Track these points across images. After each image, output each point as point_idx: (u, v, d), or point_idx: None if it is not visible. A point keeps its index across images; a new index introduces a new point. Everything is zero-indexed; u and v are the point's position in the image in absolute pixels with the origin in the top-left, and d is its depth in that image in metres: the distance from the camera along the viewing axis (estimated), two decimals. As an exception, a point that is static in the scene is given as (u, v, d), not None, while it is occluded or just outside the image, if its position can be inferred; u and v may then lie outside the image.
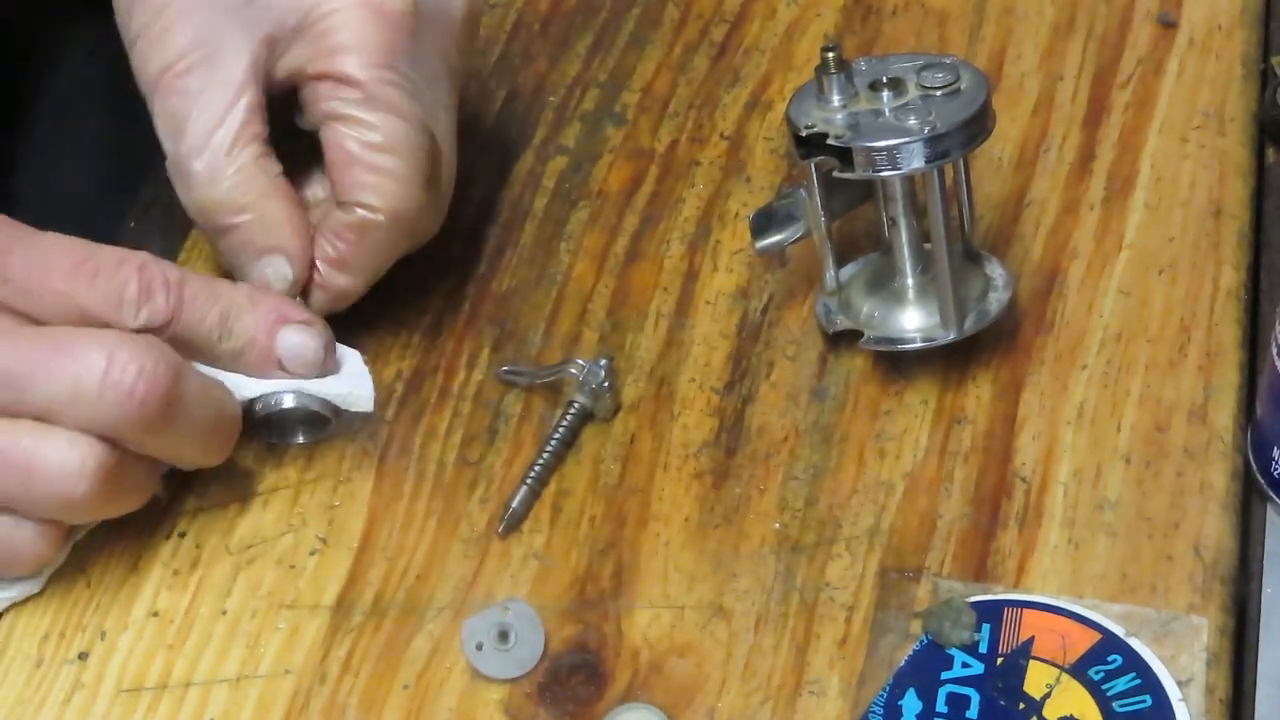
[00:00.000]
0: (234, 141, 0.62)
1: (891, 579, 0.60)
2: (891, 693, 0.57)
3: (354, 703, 0.59)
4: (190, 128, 0.62)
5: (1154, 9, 0.77)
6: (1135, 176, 0.71)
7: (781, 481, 0.63)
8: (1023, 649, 0.57)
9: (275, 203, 0.63)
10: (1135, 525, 0.61)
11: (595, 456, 0.64)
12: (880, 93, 0.61)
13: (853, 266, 0.67)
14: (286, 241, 0.63)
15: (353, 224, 0.63)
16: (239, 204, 0.62)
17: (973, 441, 0.63)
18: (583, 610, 0.60)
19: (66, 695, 0.59)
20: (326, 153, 0.64)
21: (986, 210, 0.70)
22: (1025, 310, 0.67)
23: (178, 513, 0.64)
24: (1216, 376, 0.64)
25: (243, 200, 0.62)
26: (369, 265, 0.64)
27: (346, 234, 0.63)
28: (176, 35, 0.62)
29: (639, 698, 0.58)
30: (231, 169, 0.62)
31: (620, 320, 0.69)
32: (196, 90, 0.62)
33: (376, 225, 0.63)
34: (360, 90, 0.63)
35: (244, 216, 0.62)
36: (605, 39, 0.79)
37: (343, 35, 0.63)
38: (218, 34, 0.62)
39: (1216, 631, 0.58)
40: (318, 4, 0.63)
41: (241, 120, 0.62)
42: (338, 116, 0.63)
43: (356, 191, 0.63)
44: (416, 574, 0.61)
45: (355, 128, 0.63)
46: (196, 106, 0.62)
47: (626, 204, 0.73)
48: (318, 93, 0.63)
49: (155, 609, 0.61)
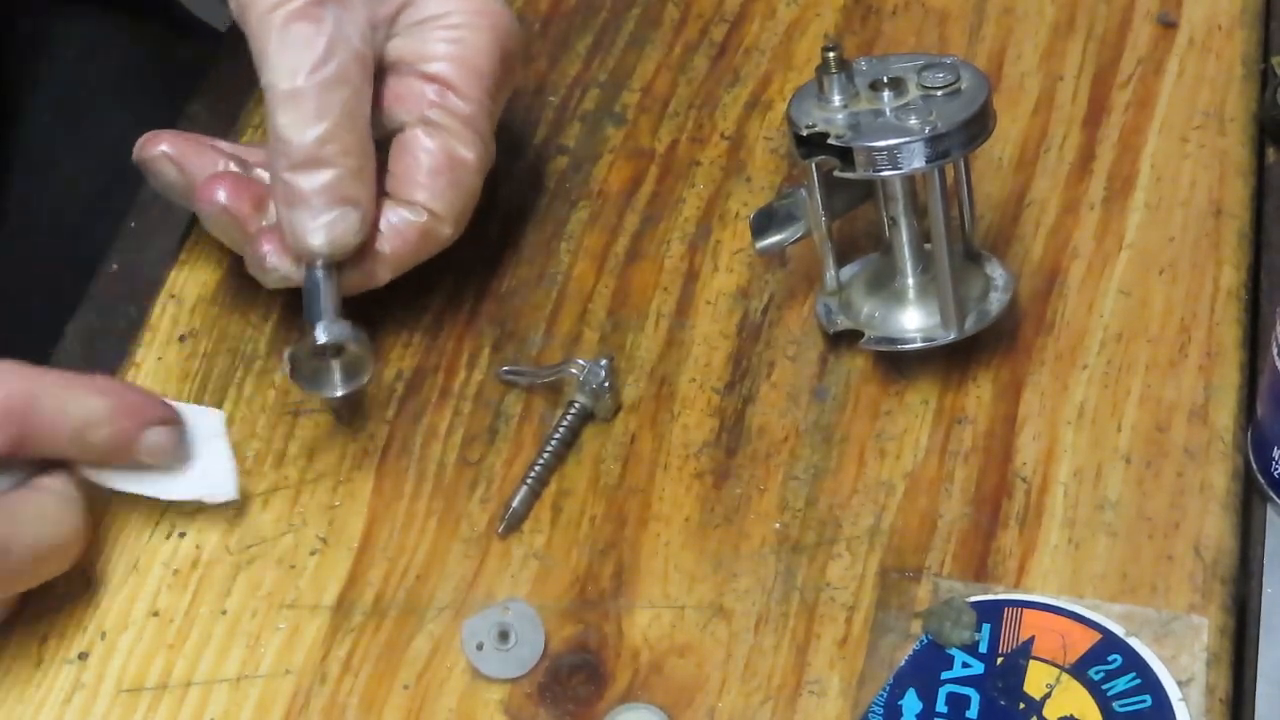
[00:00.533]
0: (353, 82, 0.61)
1: (892, 579, 0.60)
2: (891, 693, 0.57)
3: (354, 703, 0.59)
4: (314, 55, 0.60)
5: (1154, 9, 0.77)
6: (1135, 176, 0.71)
7: (782, 481, 0.63)
8: (1023, 649, 0.57)
9: (368, 159, 0.62)
10: (1135, 525, 0.61)
11: (595, 456, 0.64)
12: (881, 92, 0.61)
13: (853, 266, 0.67)
14: (366, 199, 0.62)
15: (418, 226, 0.64)
16: (343, 143, 0.61)
17: (973, 441, 0.63)
18: (583, 610, 0.60)
19: (66, 695, 0.59)
20: (407, 151, 0.64)
21: (987, 210, 0.70)
22: (1025, 310, 0.67)
23: (178, 513, 0.64)
24: (1217, 376, 0.64)
25: (346, 140, 0.61)
26: (410, 265, 0.65)
27: (409, 233, 0.64)
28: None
29: (639, 698, 0.58)
30: (343, 107, 0.61)
31: (620, 320, 0.69)
32: (325, 18, 0.61)
33: (439, 235, 0.64)
34: (470, 108, 0.64)
35: (339, 157, 0.61)
36: (605, 39, 0.79)
37: (467, 50, 0.64)
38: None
39: (1216, 631, 0.58)
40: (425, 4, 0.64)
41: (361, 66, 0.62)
42: (437, 124, 0.64)
43: (433, 199, 0.63)
44: (417, 574, 0.61)
45: (453, 141, 0.64)
46: (323, 36, 0.60)
47: (627, 204, 0.73)
48: (421, 92, 0.64)
49: (155, 609, 0.61)
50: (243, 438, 0.66)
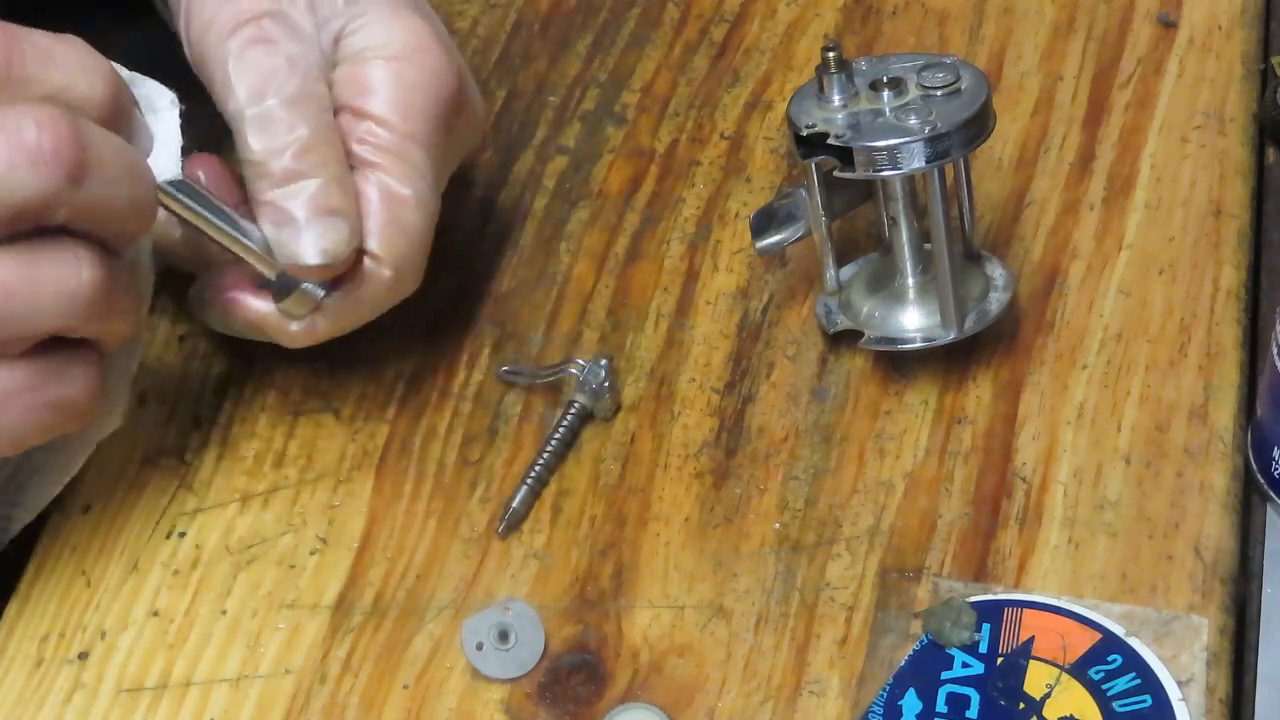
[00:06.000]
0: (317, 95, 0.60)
1: (891, 579, 0.60)
2: (891, 693, 0.57)
3: (354, 703, 0.59)
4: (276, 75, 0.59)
5: (1154, 9, 0.77)
6: (1135, 176, 0.71)
7: (781, 481, 0.63)
8: (1023, 649, 0.57)
9: (345, 170, 0.60)
10: (1135, 525, 0.61)
11: (595, 456, 0.64)
12: (881, 92, 0.61)
13: (853, 266, 0.67)
14: (351, 209, 0.60)
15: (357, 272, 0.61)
16: (320, 154, 0.59)
17: (973, 441, 0.63)
18: (583, 610, 0.60)
19: (66, 695, 0.59)
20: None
21: (986, 210, 0.70)
22: (1025, 310, 0.67)
23: (178, 513, 0.64)
24: (1216, 376, 0.64)
25: (323, 151, 0.59)
26: (357, 315, 0.62)
27: (345, 280, 0.61)
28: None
29: (639, 698, 0.58)
30: (314, 120, 0.60)
31: (620, 320, 0.69)
32: (279, 39, 0.60)
33: (379, 278, 0.61)
34: (403, 143, 0.61)
35: (318, 169, 0.59)
36: (605, 39, 0.79)
37: (403, 85, 0.61)
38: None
39: (1216, 631, 0.58)
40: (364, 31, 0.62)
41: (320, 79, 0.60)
42: (368, 162, 0.61)
43: (369, 240, 0.61)
44: (416, 574, 0.61)
45: (386, 178, 0.61)
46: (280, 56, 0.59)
47: (626, 204, 0.73)
48: (351, 129, 0.61)
49: (155, 609, 0.61)
50: (243, 438, 0.66)
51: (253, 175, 0.60)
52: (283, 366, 0.67)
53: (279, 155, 0.59)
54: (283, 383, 0.67)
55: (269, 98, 0.59)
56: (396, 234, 0.61)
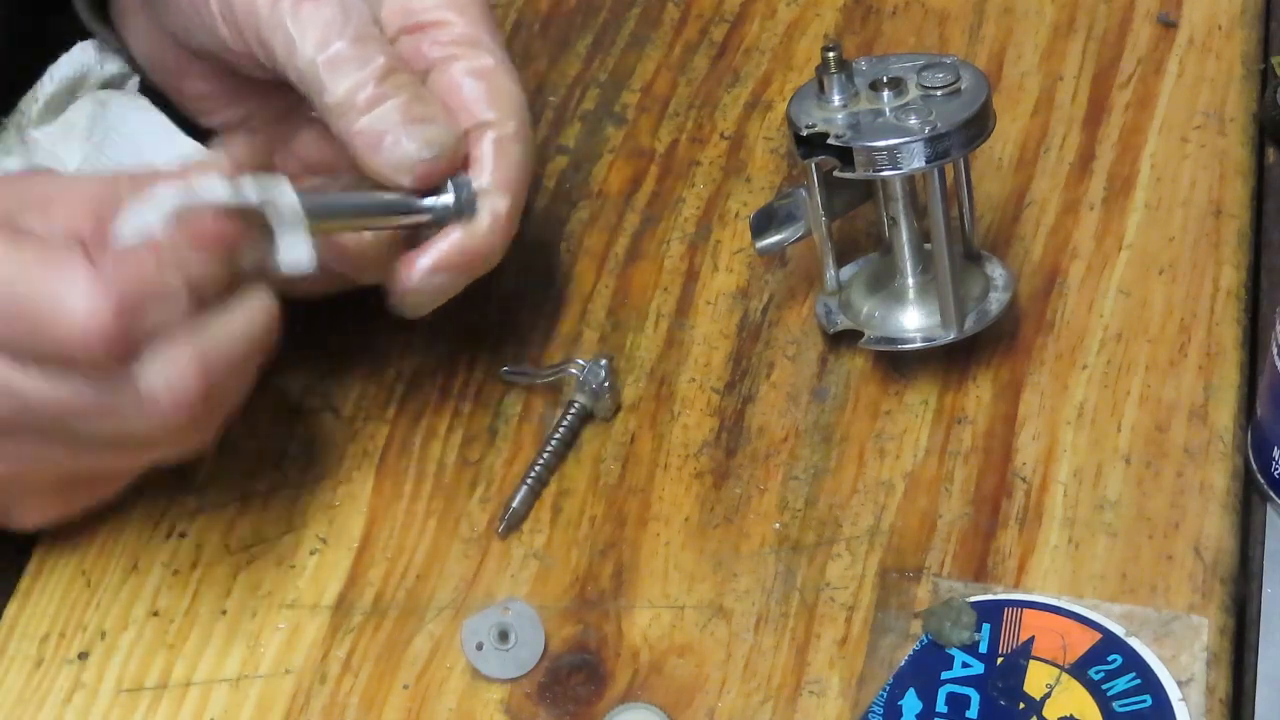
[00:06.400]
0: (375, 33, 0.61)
1: (891, 579, 0.60)
2: (891, 693, 0.57)
3: (354, 703, 0.59)
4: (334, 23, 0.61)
5: (1154, 9, 0.77)
6: (1135, 176, 0.71)
7: (781, 481, 0.63)
8: (1023, 649, 0.57)
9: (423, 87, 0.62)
10: (1135, 525, 0.61)
11: (595, 456, 0.64)
12: (881, 92, 0.61)
13: (853, 266, 0.67)
14: (439, 114, 0.61)
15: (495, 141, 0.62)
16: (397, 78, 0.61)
17: (973, 441, 0.63)
18: (583, 610, 0.60)
19: (66, 695, 0.59)
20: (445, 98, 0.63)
21: (986, 210, 0.70)
22: (1025, 310, 0.67)
23: (178, 513, 0.64)
24: (1216, 376, 0.64)
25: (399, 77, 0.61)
26: (515, 181, 0.62)
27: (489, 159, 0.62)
28: None
29: (639, 698, 0.58)
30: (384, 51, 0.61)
31: (620, 320, 0.69)
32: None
33: (511, 137, 0.62)
34: (471, 28, 0.63)
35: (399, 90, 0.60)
36: (605, 39, 0.79)
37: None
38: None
39: (1216, 631, 0.58)
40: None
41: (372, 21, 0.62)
42: (445, 57, 0.63)
43: (482, 109, 0.62)
44: (416, 574, 0.61)
45: (466, 61, 0.62)
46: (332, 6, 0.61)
47: (626, 204, 0.73)
48: (416, 46, 0.63)
49: (155, 609, 0.61)
50: (243, 438, 0.66)
51: (337, 116, 0.61)
52: (283, 366, 0.67)
53: (361, 89, 0.60)
54: (283, 383, 0.67)
55: (335, 42, 0.61)
56: (498, 96, 0.62)
